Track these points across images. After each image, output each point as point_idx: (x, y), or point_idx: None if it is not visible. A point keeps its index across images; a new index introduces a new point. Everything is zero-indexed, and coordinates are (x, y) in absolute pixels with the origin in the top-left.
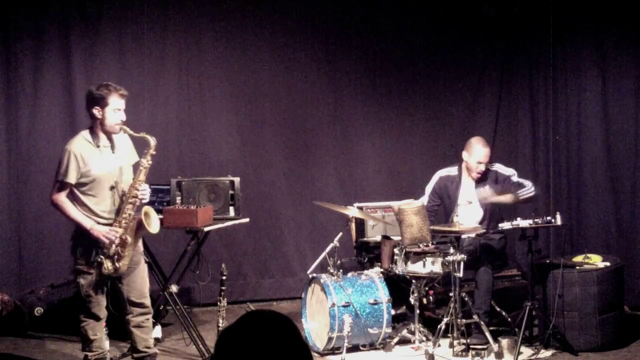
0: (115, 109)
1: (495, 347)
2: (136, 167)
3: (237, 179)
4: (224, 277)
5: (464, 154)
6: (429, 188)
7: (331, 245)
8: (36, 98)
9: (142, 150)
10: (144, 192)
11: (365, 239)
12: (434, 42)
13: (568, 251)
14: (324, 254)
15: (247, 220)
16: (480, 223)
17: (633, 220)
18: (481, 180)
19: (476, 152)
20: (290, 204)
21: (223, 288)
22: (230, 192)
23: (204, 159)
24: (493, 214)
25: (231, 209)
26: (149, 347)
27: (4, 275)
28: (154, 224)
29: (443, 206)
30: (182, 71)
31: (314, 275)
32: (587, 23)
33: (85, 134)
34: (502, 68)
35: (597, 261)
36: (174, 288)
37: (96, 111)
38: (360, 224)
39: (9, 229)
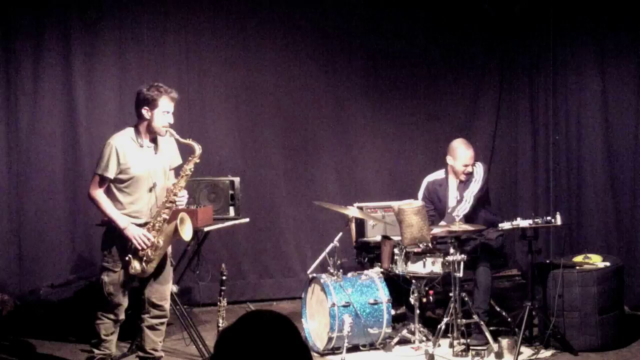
0: (164, 112)
1: (495, 347)
2: (177, 172)
3: (237, 179)
4: (224, 277)
5: (449, 159)
6: (420, 195)
7: (331, 245)
8: (36, 98)
9: (186, 156)
10: (182, 198)
11: (365, 239)
12: (434, 42)
13: (568, 251)
14: (324, 254)
15: (247, 220)
16: (473, 220)
17: (633, 220)
18: (467, 180)
19: (460, 155)
20: (290, 204)
21: (223, 288)
22: (230, 192)
23: (204, 159)
24: (482, 212)
25: (231, 209)
26: (155, 350)
27: (4, 275)
28: (187, 231)
29: (436, 209)
30: (182, 71)
31: (314, 275)
32: (587, 23)
33: (130, 131)
34: (502, 68)
35: (597, 261)
36: (174, 288)
37: (145, 111)
38: (360, 224)
39: (9, 229)
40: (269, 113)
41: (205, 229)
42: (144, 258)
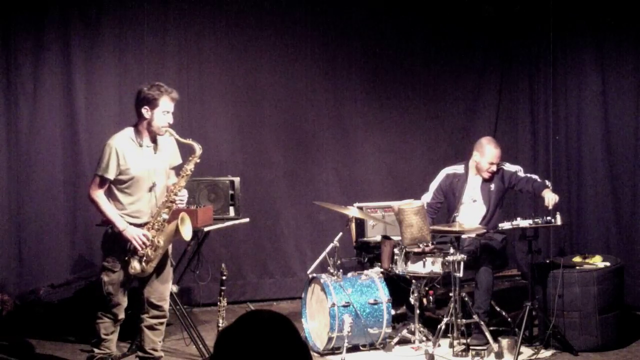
0: (164, 111)
1: (495, 347)
2: (178, 172)
3: (237, 179)
4: (224, 277)
5: (475, 155)
6: (433, 185)
7: (331, 245)
8: (36, 98)
9: (187, 156)
10: (183, 197)
11: (365, 239)
12: (434, 42)
13: (568, 251)
14: (324, 254)
15: (247, 220)
16: (483, 221)
17: (633, 220)
18: (490, 179)
19: (488, 153)
20: (290, 204)
21: (223, 288)
22: (230, 192)
23: (204, 159)
24: (496, 213)
25: (231, 209)
26: (155, 350)
27: (4, 275)
28: (187, 231)
29: (447, 203)
30: (182, 71)
31: (314, 275)
32: (587, 23)
33: (129, 131)
34: (502, 68)
35: (597, 261)
36: (174, 288)
37: (145, 111)
38: (360, 224)
39: (9, 229)
40: (269, 113)
41: (205, 229)
42: (144, 258)
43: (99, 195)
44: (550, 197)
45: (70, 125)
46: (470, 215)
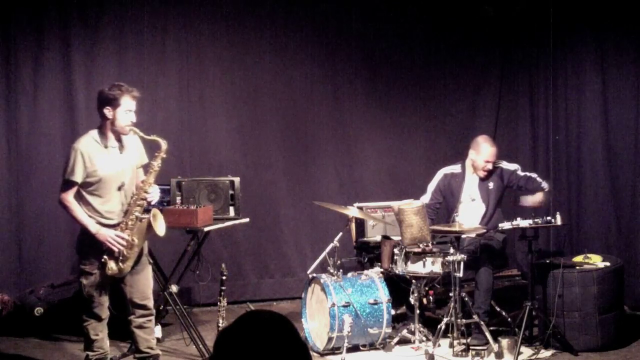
0: (126, 110)
1: (495, 347)
2: (146, 169)
3: (237, 179)
4: (224, 277)
5: (471, 153)
6: (432, 186)
7: (331, 245)
8: (36, 98)
9: (153, 153)
10: (152, 194)
11: (365, 239)
12: (434, 42)
13: (568, 251)
14: (324, 254)
15: (247, 220)
16: (483, 220)
17: (633, 220)
18: (487, 177)
19: (484, 151)
20: (290, 204)
21: (223, 288)
22: (230, 192)
23: (204, 159)
24: (496, 211)
25: (231, 209)
26: (151, 348)
27: (4, 275)
28: (160, 226)
29: (445, 204)
30: (182, 71)
31: (314, 275)
32: (587, 23)
33: (93, 133)
34: (502, 68)
35: (597, 261)
36: (174, 288)
37: (107, 111)
38: (360, 224)
39: (9, 229)
40: (269, 113)
41: (205, 229)
42: (120, 257)
43: (69, 199)
44: (536, 199)
45: (70, 125)
46: (470, 214)
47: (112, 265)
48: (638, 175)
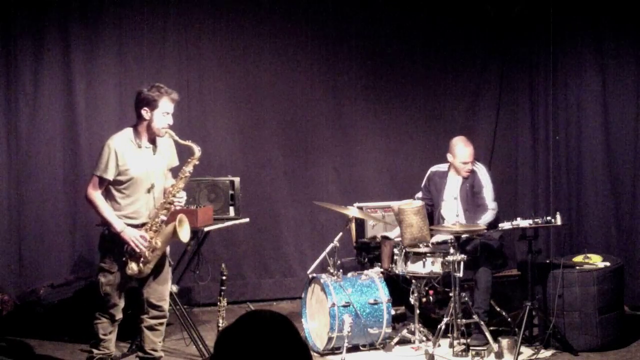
0: (164, 113)
1: (495, 347)
2: (175, 172)
3: (237, 179)
4: (224, 277)
5: (448, 156)
6: (422, 183)
7: (331, 245)
8: (36, 98)
9: (185, 158)
10: (181, 199)
11: (365, 239)
12: (434, 42)
13: (568, 251)
14: (324, 254)
15: (247, 220)
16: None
17: (633, 220)
18: (469, 177)
19: (459, 152)
20: (290, 204)
21: (223, 288)
22: (230, 192)
23: (204, 159)
24: (471, 210)
25: (231, 209)
26: (155, 350)
27: (4, 275)
28: (185, 233)
29: (431, 199)
30: (182, 71)
31: (314, 275)
32: (587, 23)
33: (128, 132)
34: (502, 68)
35: (597, 261)
36: (174, 288)
37: (144, 112)
38: (360, 224)
39: (9, 229)
40: (269, 113)
41: (205, 229)
42: (141, 259)
43: (97, 196)
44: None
45: (70, 125)
46: (452, 212)
47: (132, 266)
48: (638, 175)
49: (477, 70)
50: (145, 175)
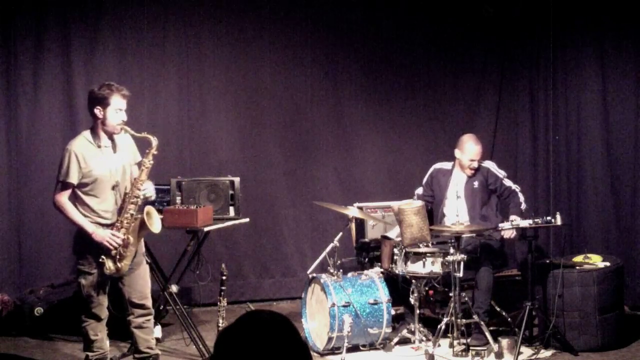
0: (116, 109)
1: (495, 347)
2: (139, 166)
3: (237, 179)
4: (224, 277)
5: (457, 152)
6: (424, 180)
7: (331, 245)
8: (36, 98)
9: (145, 150)
10: (146, 190)
11: (365, 239)
12: (434, 42)
13: (568, 251)
14: (324, 254)
15: (247, 220)
16: (468, 217)
17: (633, 220)
18: (474, 175)
19: (468, 149)
20: (290, 204)
21: (223, 288)
22: (230, 192)
23: (204, 159)
24: (483, 209)
25: (231, 209)
26: (150, 348)
27: (4, 275)
28: (155, 224)
29: (433, 197)
30: (182, 71)
31: (314, 275)
32: (587, 23)
33: (86, 134)
34: (502, 68)
35: (597, 261)
36: (174, 288)
37: (97, 111)
38: (360, 224)
39: (9, 229)
40: (269, 113)
41: (205, 229)
42: (117, 257)
43: (64, 201)
44: (507, 233)
45: (70, 125)
46: (455, 211)
47: (109, 264)
48: (638, 175)
49: (477, 71)
50: (109, 174)
